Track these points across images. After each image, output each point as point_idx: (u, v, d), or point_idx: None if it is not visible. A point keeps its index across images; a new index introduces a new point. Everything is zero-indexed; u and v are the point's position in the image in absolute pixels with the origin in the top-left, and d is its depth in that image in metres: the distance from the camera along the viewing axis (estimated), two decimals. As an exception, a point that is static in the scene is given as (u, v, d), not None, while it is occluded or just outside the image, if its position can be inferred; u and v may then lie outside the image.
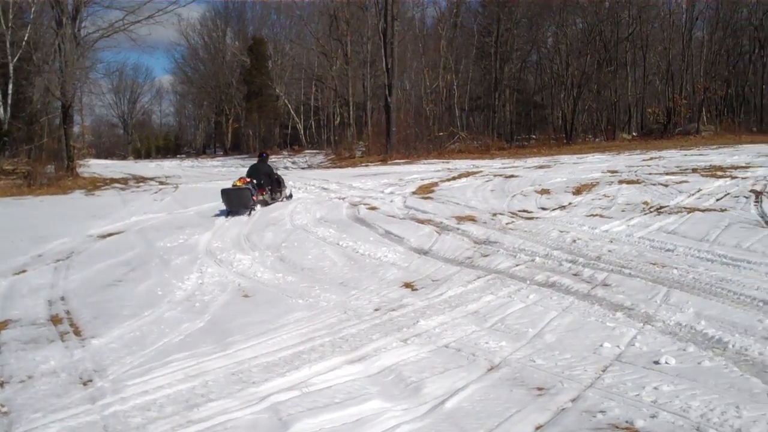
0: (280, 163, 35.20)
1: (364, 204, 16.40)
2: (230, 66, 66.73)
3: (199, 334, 6.89)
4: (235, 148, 65.04)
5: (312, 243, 11.79)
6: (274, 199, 18.30)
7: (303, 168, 31.89)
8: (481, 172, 23.83)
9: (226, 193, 16.82)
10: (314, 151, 45.12)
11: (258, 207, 17.07)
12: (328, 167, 31.41)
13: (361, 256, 10.56)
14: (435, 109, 48.56)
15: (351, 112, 48.81)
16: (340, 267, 9.91)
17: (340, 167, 30.52)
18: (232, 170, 34.43)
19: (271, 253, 11.07)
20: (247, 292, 8.60)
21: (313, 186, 20.78)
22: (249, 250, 11.39)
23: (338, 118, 53.03)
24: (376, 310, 7.45)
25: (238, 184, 17.18)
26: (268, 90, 58.05)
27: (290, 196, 18.96)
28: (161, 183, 25.53)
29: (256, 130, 60.95)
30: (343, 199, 17.57)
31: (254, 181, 17.30)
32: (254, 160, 19.51)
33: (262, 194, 17.57)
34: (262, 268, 9.97)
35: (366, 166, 30.14)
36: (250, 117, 60.16)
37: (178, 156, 69.82)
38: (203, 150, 76.81)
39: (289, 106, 56.39)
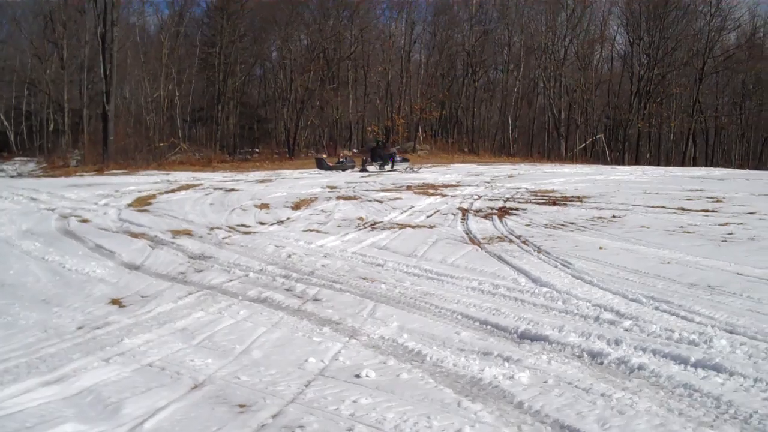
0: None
1: (76, 216, 15.67)
2: (-69, 66, 61.74)
3: None
4: (-63, 155, 60.08)
5: (15, 257, 11.07)
6: (383, 169, 31.53)
7: (12, 176, 30.04)
8: (201, 185, 23.57)
9: (316, 160, 33.88)
10: (25, 158, 42.47)
11: (348, 171, 31.90)
12: (39, 176, 29.68)
13: (67, 272, 10.04)
14: (156, 119, 47.45)
15: (66, 119, 46.50)
16: (44, 283, 9.36)
17: (52, 176, 28.94)
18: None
19: (-33, 269, 10.29)
20: (-64, 312, 7.92)
21: (21, 196, 19.57)
22: (-57, 265, 10.53)
23: (52, 125, 50.45)
24: (79, 328, 7.09)
25: (323, 156, 34.59)
26: (-27, 93, 54.10)
27: (412, 169, 32.29)
28: None
29: (-40, 134, 56.70)
30: (53, 210, 16.68)
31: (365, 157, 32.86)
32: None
33: (373, 166, 31.81)
34: (-44, 286, 9.23)
35: (81, 176, 28.83)
36: (-46, 121, 55.92)
37: None
38: None
39: (-2, 110, 52.90)
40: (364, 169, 31.89)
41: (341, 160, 33.65)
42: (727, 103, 59.92)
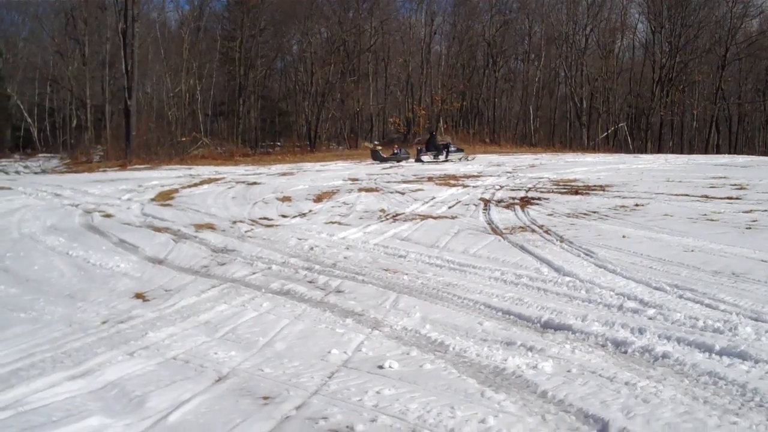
0: (11, 167, 33.17)
1: (99, 211, 15.74)
2: (-44, 64, 62.15)
3: None
4: (-38, 151, 60.51)
5: (39, 253, 11.13)
6: (437, 160, 32.58)
7: (36, 173, 30.24)
8: (223, 178, 23.64)
9: (371, 152, 35.43)
10: (49, 155, 42.64)
11: (404, 162, 32.57)
12: (63, 172, 29.85)
13: (92, 266, 10.09)
14: (178, 114, 47.57)
15: (89, 115, 46.79)
16: (69, 278, 9.41)
17: (76, 172, 29.08)
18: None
19: (-8, 264, 10.35)
20: (-38, 307, 7.97)
21: (45, 192, 19.67)
22: (-31, 261, 10.60)
23: (75, 121, 50.73)
24: (103, 322, 7.12)
25: (378, 148, 36.19)
26: (-3, 90, 54.46)
27: (466, 158, 33.85)
28: None
29: (-15, 131, 57.09)
30: (77, 205, 16.77)
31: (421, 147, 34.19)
32: None
33: (428, 156, 32.72)
34: (-19, 281, 9.29)
35: (104, 171, 28.98)
36: (-22, 118, 56.24)
37: None
38: None
39: (22, 107, 53.12)
40: (419, 160, 32.81)
41: (396, 151, 34.63)
42: (750, 90, 59.41)
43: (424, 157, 32.89)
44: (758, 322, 6.43)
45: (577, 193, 17.57)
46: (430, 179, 22.00)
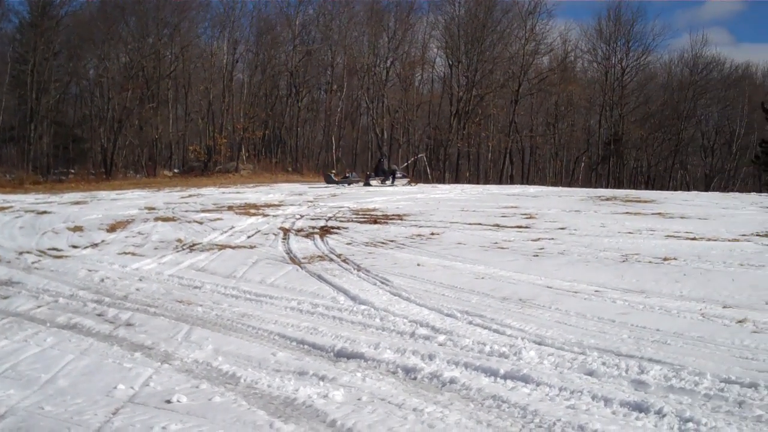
0: None
1: None
2: None
3: None
4: None
5: None
6: (384, 184, 35.22)
7: None
8: (11, 207, 22.49)
9: (324, 176, 37.81)
10: None
11: (355, 185, 35.09)
12: None
13: None
14: (-38, 140, 45.13)
15: None
16: None
17: None
18: None
19: None
20: None
21: None
22: None
23: None
24: None
25: (331, 172, 38.84)
26: None
27: (410, 185, 36.96)
28: None
29: None
30: None
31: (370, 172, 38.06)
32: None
33: (376, 180, 35.76)
34: None
35: None
36: None
37: None
38: None
39: None
40: (367, 183, 35.93)
41: (348, 175, 38.55)
42: (541, 124, 62.56)
43: (373, 182, 35.93)
44: (541, 346, 6.71)
45: (375, 222, 17.84)
46: (230, 208, 21.75)
